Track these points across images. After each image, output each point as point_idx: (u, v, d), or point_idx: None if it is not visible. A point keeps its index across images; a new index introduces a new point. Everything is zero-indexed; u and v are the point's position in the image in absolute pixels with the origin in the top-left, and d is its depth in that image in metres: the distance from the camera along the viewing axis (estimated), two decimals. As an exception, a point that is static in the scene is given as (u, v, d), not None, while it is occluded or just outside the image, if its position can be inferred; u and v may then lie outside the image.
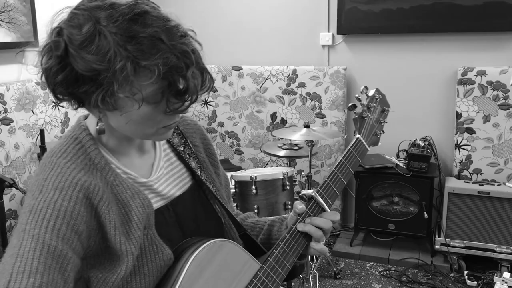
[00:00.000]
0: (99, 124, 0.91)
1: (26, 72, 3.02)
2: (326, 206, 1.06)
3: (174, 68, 0.81)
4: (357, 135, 1.18)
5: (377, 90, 1.25)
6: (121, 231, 0.88)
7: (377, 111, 1.24)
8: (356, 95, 1.23)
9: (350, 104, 1.21)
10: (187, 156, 1.09)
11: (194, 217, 1.05)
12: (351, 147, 1.16)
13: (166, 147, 1.08)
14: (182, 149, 1.09)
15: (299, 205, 1.05)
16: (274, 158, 3.82)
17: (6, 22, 2.79)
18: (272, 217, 1.19)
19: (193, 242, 0.96)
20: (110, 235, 0.87)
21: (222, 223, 1.11)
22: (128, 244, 0.88)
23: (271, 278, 0.98)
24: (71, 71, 0.83)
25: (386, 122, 1.26)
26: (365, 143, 1.18)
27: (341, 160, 1.12)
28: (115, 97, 0.83)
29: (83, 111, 0.95)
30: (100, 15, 0.82)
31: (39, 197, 0.83)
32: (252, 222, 1.23)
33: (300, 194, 1.07)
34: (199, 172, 1.08)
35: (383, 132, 1.26)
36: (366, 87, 1.23)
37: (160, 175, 1.02)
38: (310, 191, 1.06)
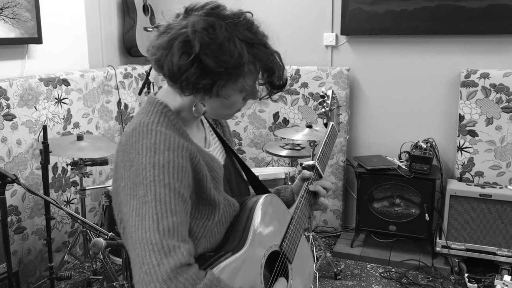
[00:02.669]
0: (204, 107, 1.09)
1: (29, 68, 3.02)
2: (322, 173, 1.41)
3: (279, 68, 1.09)
4: (331, 123, 1.58)
5: (333, 91, 1.64)
6: (212, 185, 1.09)
7: (336, 105, 1.65)
8: (322, 93, 1.61)
9: (320, 100, 1.60)
10: (219, 132, 1.32)
11: (236, 180, 1.30)
12: (329, 130, 1.54)
13: (207, 125, 1.28)
14: (214, 126, 1.32)
15: (307, 172, 1.37)
16: (276, 158, 3.82)
17: (10, 18, 2.79)
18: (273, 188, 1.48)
19: (245, 198, 1.22)
20: (206, 189, 1.07)
21: (248, 186, 1.37)
22: (219, 196, 1.11)
23: (299, 225, 1.30)
24: (200, 66, 1.01)
25: (341, 114, 1.64)
26: (336, 128, 1.60)
27: (325, 140, 1.50)
28: (231, 88, 1.06)
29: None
30: (229, 24, 1.02)
31: (156, 156, 0.98)
32: None
33: (304, 165, 1.40)
34: (230, 144, 1.32)
35: (341, 122, 1.58)
36: (322, 91, 1.62)
37: (212, 146, 1.25)
38: (311, 162, 1.39)
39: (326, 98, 1.60)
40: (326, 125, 1.58)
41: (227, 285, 0.96)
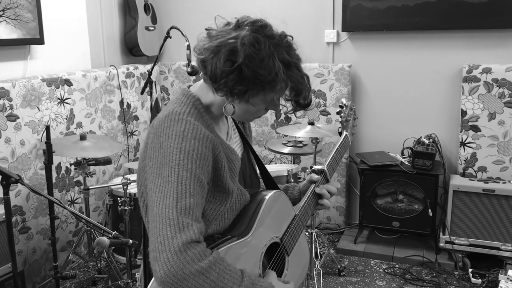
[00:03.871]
0: (234, 108, 1.21)
1: (32, 68, 3.03)
2: (330, 178, 1.52)
3: (306, 90, 1.22)
4: (345, 133, 1.68)
5: (352, 103, 1.73)
6: (228, 175, 1.21)
7: (352, 117, 1.74)
8: (340, 104, 1.71)
9: (339, 110, 1.69)
10: (241, 128, 1.44)
11: (249, 173, 1.41)
12: (342, 140, 1.65)
13: (231, 121, 1.40)
14: (237, 123, 1.44)
15: (315, 176, 1.48)
16: (278, 155, 3.82)
17: (12, 19, 2.80)
18: (283, 185, 1.57)
19: (256, 191, 1.33)
20: (223, 178, 1.19)
21: (259, 180, 1.47)
22: (233, 185, 1.22)
23: (301, 222, 1.40)
24: (239, 74, 1.12)
25: (356, 125, 1.77)
26: (349, 139, 1.70)
27: (337, 148, 1.61)
28: (260, 98, 1.18)
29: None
30: (273, 44, 1.14)
31: (184, 143, 1.10)
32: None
33: (313, 169, 1.50)
34: (248, 140, 1.44)
35: (355, 133, 1.78)
36: (342, 101, 1.72)
37: (233, 140, 1.36)
38: (320, 167, 1.49)
39: (344, 108, 1.71)
40: (340, 134, 1.68)
41: (229, 265, 1.06)
